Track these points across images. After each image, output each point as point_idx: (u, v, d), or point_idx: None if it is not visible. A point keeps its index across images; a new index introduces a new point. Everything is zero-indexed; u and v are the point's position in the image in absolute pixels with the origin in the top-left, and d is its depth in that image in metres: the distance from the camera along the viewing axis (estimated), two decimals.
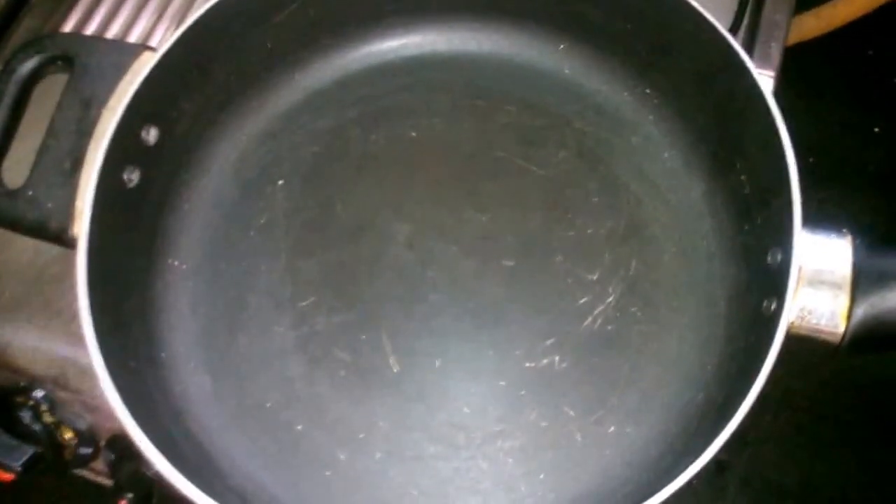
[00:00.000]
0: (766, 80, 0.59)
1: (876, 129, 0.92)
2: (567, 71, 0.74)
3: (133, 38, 0.78)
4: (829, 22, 0.91)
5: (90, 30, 0.79)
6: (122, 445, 0.70)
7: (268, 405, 0.63)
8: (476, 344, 0.64)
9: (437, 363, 0.64)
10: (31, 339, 0.69)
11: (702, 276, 0.65)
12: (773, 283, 0.57)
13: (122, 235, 0.63)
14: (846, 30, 0.90)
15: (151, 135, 0.65)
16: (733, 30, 0.61)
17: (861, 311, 0.54)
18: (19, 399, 0.68)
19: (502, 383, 0.63)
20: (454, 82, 0.75)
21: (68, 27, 0.79)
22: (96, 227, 0.58)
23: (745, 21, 0.77)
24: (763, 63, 0.72)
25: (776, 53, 0.73)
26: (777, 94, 0.58)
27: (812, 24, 0.91)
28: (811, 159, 0.56)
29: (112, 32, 0.79)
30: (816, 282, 0.55)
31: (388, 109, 0.73)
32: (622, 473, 0.60)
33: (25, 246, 0.72)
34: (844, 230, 0.56)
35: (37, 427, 0.69)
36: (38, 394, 0.68)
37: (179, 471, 0.52)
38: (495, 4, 0.74)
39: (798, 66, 0.76)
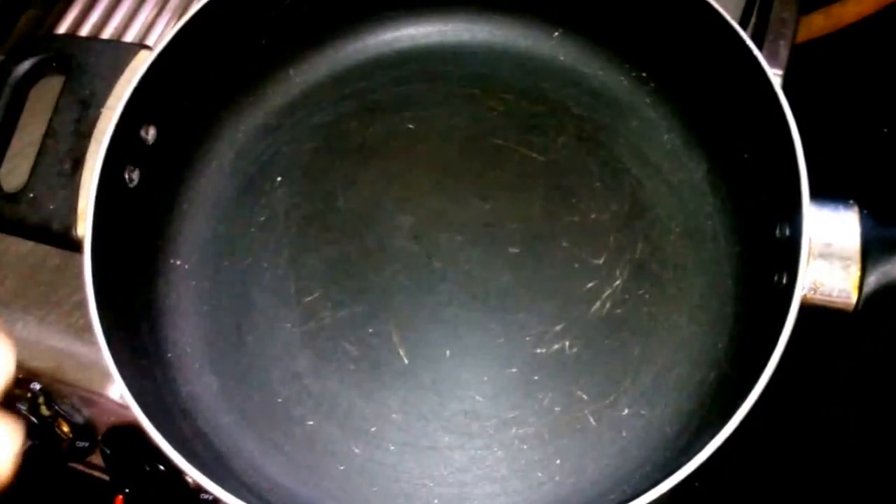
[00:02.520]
0: (774, 79, 0.59)
1: (885, 130, 0.92)
2: (562, 58, 0.74)
3: (129, 37, 0.78)
4: (839, 20, 0.91)
5: (86, 30, 0.78)
6: (119, 440, 0.69)
7: (278, 401, 0.62)
8: (485, 332, 0.64)
9: (447, 353, 0.64)
10: (29, 331, 0.68)
11: (709, 254, 0.65)
12: (782, 257, 0.57)
13: (125, 236, 0.63)
14: (855, 28, 0.91)
15: (150, 134, 0.64)
16: (741, 27, 0.61)
17: (873, 281, 0.54)
18: (16, 391, 0.67)
19: (514, 370, 0.63)
20: (450, 73, 0.74)
21: (63, 28, 0.78)
22: (100, 229, 0.58)
23: (753, 19, 0.77)
24: (771, 61, 0.72)
25: (784, 52, 0.73)
26: (785, 92, 0.58)
27: (821, 23, 0.91)
28: (818, 158, 0.56)
29: (108, 33, 0.78)
30: (826, 254, 0.55)
31: (384, 102, 0.73)
32: (639, 455, 0.60)
33: None
34: (851, 201, 0.57)
35: (34, 420, 0.68)
36: (35, 386, 0.67)
37: (193, 465, 0.52)
38: None
39: (806, 65, 0.76)
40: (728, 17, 0.62)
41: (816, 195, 0.56)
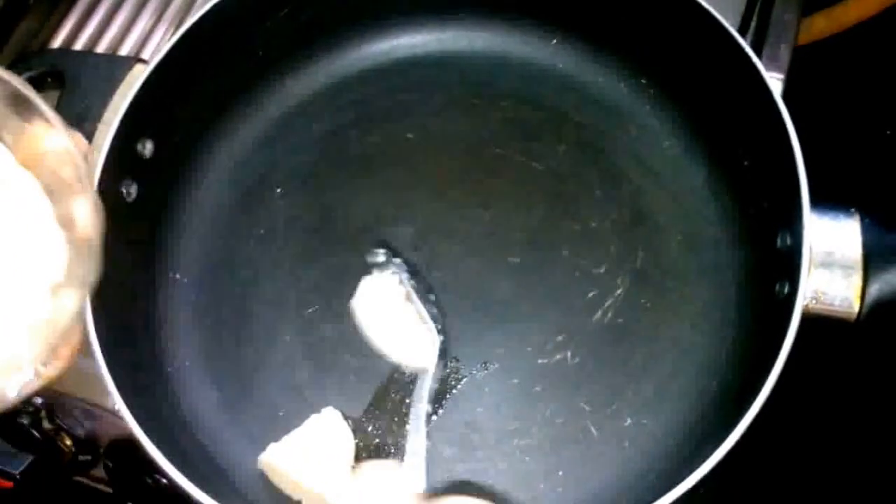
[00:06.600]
0: (775, 82, 0.58)
1: (888, 132, 0.92)
2: (561, 66, 0.74)
3: (125, 50, 0.78)
4: (840, 22, 0.91)
5: (81, 42, 0.78)
6: (121, 453, 0.69)
7: (279, 414, 0.62)
8: (486, 342, 0.64)
9: (449, 363, 0.63)
10: None
11: (710, 262, 0.65)
12: (784, 266, 0.56)
13: (123, 251, 0.62)
14: (857, 30, 0.90)
15: (147, 147, 0.64)
16: (742, 30, 0.60)
17: (875, 290, 0.54)
18: (18, 405, 0.67)
19: (515, 381, 0.62)
20: (448, 81, 0.74)
21: (59, 40, 0.78)
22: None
23: (754, 22, 0.76)
24: (772, 64, 0.71)
25: (785, 54, 0.72)
26: (786, 95, 0.57)
27: (822, 25, 0.91)
28: (819, 160, 0.56)
29: (104, 45, 0.78)
30: (828, 263, 0.55)
31: (383, 111, 0.73)
32: (641, 465, 0.59)
33: None
34: (853, 209, 0.56)
35: (36, 434, 0.68)
36: (38, 400, 0.67)
37: (191, 480, 0.52)
38: (485, 2, 0.74)
39: (808, 68, 0.76)
40: (726, 24, 0.62)
41: (818, 202, 0.56)
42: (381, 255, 0.66)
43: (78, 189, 0.45)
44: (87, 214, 0.45)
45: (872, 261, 0.54)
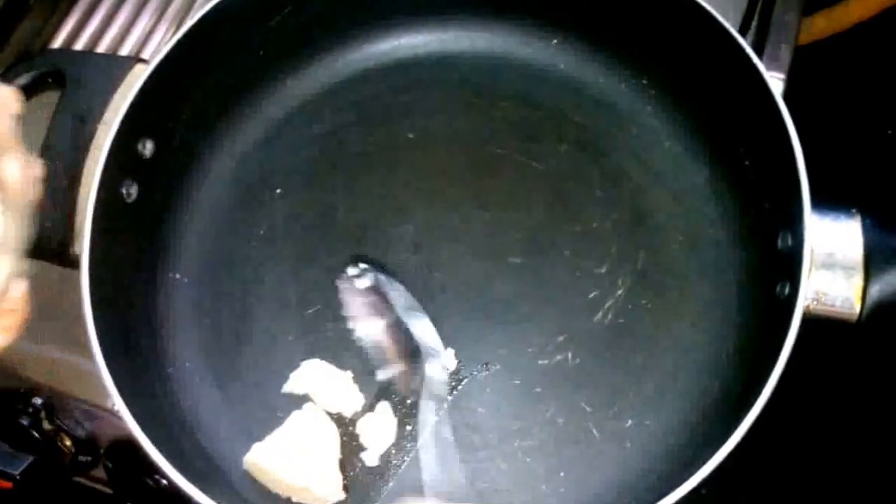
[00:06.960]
0: (776, 82, 0.58)
1: (889, 132, 0.92)
2: (562, 66, 0.74)
3: (125, 51, 0.78)
4: (841, 22, 0.91)
5: (81, 44, 0.78)
6: (122, 453, 0.69)
7: (279, 416, 0.62)
8: (487, 343, 0.64)
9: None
10: (29, 345, 0.67)
11: (711, 262, 0.65)
12: (785, 266, 0.56)
13: (123, 252, 0.62)
14: (858, 30, 0.90)
15: (147, 148, 0.64)
16: (743, 30, 0.60)
17: (876, 290, 0.54)
18: (18, 406, 0.67)
19: (516, 382, 0.62)
20: (449, 81, 0.74)
21: (60, 39, 0.78)
22: (97, 245, 0.58)
23: (755, 22, 0.76)
24: (773, 64, 0.71)
25: (786, 55, 0.72)
26: (787, 95, 0.57)
27: (822, 25, 0.91)
28: (820, 160, 0.56)
29: (104, 44, 0.78)
30: (829, 263, 0.55)
31: (384, 111, 0.73)
32: (643, 465, 0.59)
33: None
34: (854, 210, 0.56)
35: (36, 434, 0.68)
36: (37, 401, 0.67)
37: (191, 481, 0.52)
38: (487, 2, 0.74)
39: (808, 68, 0.76)
40: (727, 25, 0.62)
41: (819, 203, 0.56)
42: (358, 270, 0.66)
43: (6, 146, 0.43)
44: (17, 173, 0.43)
45: (874, 261, 0.54)
